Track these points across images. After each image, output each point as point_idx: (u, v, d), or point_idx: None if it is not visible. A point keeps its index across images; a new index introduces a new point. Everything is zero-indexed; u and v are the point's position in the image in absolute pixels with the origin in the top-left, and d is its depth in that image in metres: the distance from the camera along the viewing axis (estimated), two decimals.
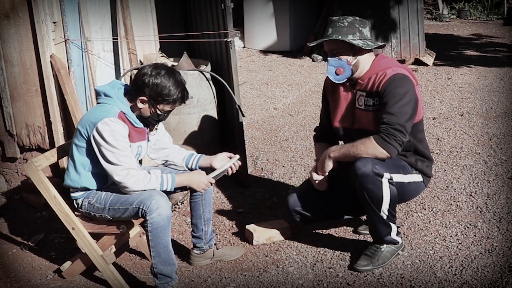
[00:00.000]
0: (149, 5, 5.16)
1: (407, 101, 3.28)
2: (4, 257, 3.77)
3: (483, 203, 4.14)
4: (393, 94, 3.28)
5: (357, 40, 3.35)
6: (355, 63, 3.40)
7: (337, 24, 3.38)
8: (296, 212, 3.64)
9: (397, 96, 3.27)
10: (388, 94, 3.29)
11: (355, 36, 3.36)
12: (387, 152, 3.24)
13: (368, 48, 3.39)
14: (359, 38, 3.37)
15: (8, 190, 4.58)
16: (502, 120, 5.96)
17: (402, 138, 3.25)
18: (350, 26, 3.37)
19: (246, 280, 3.41)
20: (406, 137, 3.27)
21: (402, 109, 3.26)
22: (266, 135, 5.90)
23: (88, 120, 3.11)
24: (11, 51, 4.28)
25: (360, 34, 3.38)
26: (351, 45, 3.36)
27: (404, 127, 3.25)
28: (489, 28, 12.01)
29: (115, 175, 3.06)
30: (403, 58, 8.51)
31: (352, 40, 3.34)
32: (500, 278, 3.24)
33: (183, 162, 3.43)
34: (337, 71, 3.39)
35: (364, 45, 3.35)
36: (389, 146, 3.23)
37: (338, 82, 3.45)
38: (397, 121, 3.24)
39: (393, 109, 3.25)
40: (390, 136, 3.23)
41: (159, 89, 3.07)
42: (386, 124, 3.25)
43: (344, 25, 3.36)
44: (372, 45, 3.39)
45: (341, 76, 3.41)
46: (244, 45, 10.21)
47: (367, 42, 3.38)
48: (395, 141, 3.23)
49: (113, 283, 3.26)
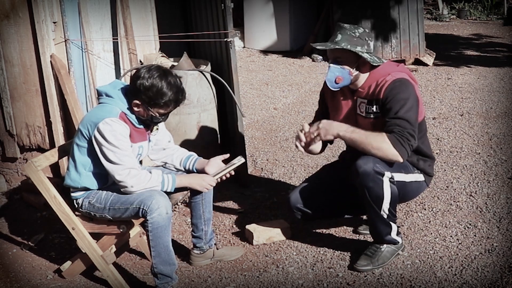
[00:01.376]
0: (149, 5, 5.16)
1: (410, 106, 3.27)
2: (4, 257, 3.77)
3: (483, 203, 4.14)
4: (397, 99, 3.26)
5: (365, 54, 3.32)
6: (356, 75, 3.38)
7: (348, 32, 3.33)
8: (298, 209, 3.64)
9: (401, 101, 3.25)
10: (391, 100, 3.27)
11: (363, 49, 3.33)
12: (400, 155, 3.19)
13: (374, 64, 3.34)
14: (366, 51, 3.34)
15: (8, 190, 4.58)
16: (502, 120, 5.96)
17: (414, 143, 3.23)
18: (361, 37, 3.33)
19: (246, 280, 3.41)
20: (416, 142, 3.26)
21: (408, 113, 3.24)
22: (266, 135, 5.91)
23: (90, 120, 3.11)
24: (11, 51, 4.28)
25: (368, 48, 3.35)
26: (357, 57, 3.32)
27: (415, 132, 3.24)
28: (489, 28, 12.01)
29: (116, 175, 3.06)
30: (403, 58, 8.51)
31: (360, 52, 3.30)
32: (500, 278, 3.24)
33: (181, 165, 3.44)
34: (336, 80, 3.36)
35: (371, 60, 3.32)
36: (403, 149, 3.19)
37: (334, 89, 3.43)
38: (409, 126, 3.21)
39: (400, 113, 3.22)
40: (405, 139, 3.20)
41: (151, 92, 3.04)
42: (398, 126, 3.21)
43: (355, 36, 3.32)
44: (378, 62, 3.36)
45: (339, 85, 3.38)
46: (244, 45, 10.21)
47: (374, 58, 3.35)
48: (408, 145, 3.21)
49: (113, 283, 3.26)
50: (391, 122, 3.24)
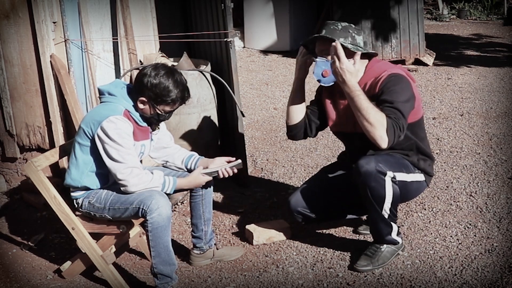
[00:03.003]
0: (149, 5, 5.16)
1: (405, 98, 3.25)
2: (4, 257, 3.77)
3: (483, 203, 4.14)
4: (392, 91, 3.24)
5: (347, 44, 3.32)
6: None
7: (331, 26, 3.36)
8: (298, 212, 3.63)
9: (396, 93, 3.24)
10: (386, 91, 3.25)
11: (347, 40, 3.32)
12: (388, 141, 3.15)
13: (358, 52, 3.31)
14: (350, 43, 3.34)
15: (8, 190, 4.58)
16: (502, 120, 5.96)
17: (402, 136, 3.23)
18: (344, 30, 3.34)
19: (246, 280, 3.41)
20: (403, 137, 3.25)
21: (402, 106, 3.22)
22: (266, 135, 5.91)
23: (93, 118, 3.11)
24: (11, 51, 4.28)
25: (352, 40, 3.34)
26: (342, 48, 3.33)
27: (405, 124, 3.23)
28: (489, 28, 12.01)
29: (118, 173, 3.06)
30: (403, 58, 8.51)
31: (343, 42, 3.30)
32: (500, 278, 3.24)
33: (182, 164, 3.44)
34: (323, 73, 3.33)
35: (354, 48, 3.30)
36: (392, 137, 3.16)
37: (325, 85, 3.40)
38: (402, 118, 3.20)
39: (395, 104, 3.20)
40: (397, 129, 3.17)
41: (158, 89, 3.07)
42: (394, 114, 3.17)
43: (338, 28, 3.34)
44: (361, 50, 3.33)
45: (327, 79, 3.34)
46: (244, 45, 10.21)
47: (357, 47, 3.34)
48: (398, 137, 3.19)
49: (113, 283, 3.26)
50: (387, 109, 3.20)
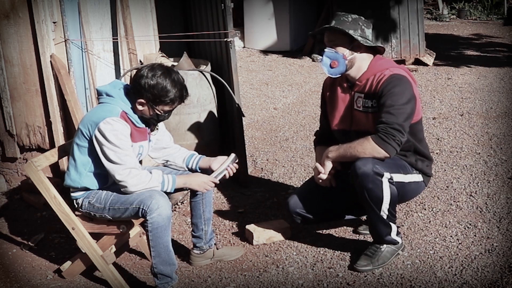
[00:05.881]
0: (149, 5, 5.16)
1: (405, 100, 3.28)
2: (4, 257, 3.77)
3: (483, 203, 4.14)
4: (392, 93, 3.27)
5: (357, 36, 3.36)
6: (351, 59, 3.39)
7: (341, 18, 3.40)
8: (297, 214, 3.63)
9: (395, 96, 3.26)
10: (387, 94, 3.28)
11: (356, 32, 3.37)
12: (386, 151, 3.23)
13: (367, 45, 3.39)
14: (359, 35, 3.37)
15: (8, 190, 4.58)
16: (502, 120, 5.96)
17: (400, 137, 3.24)
18: (354, 22, 3.38)
19: (246, 280, 3.41)
20: (404, 136, 3.26)
21: (400, 108, 3.25)
22: (266, 135, 5.91)
23: (90, 119, 3.11)
24: (11, 51, 4.28)
25: (362, 32, 3.39)
26: (350, 39, 3.36)
27: (403, 126, 3.24)
28: (489, 28, 12.01)
29: (117, 174, 3.06)
30: (403, 58, 8.51)
31: (352, 34, 3.34)
32: (500, 278, 3.24)
33: (183, 163, 3.43)
34: (331, 64, 3.38)
35: (363, 41, 3.36)
36: (388, 145, 3.22)
37: (332, 76, 3.44)
38: (395, 120, 3.23)
39: (391, 108, 3.24)
40: (389, 135, 3.22)
41: (156, 90, 3.06)
42: (384, 123, 3.24)
43: (348, 20, 3.38)
44: (370, 43, 3.39)
45: (335, 70, 3.40)
46: (244, 45, 10.21)
47: (366, 40, 3.39)
48: (394, 141, 3.22)
49: (113, 283, 3.26)
50: (379, 120, 3.26)
